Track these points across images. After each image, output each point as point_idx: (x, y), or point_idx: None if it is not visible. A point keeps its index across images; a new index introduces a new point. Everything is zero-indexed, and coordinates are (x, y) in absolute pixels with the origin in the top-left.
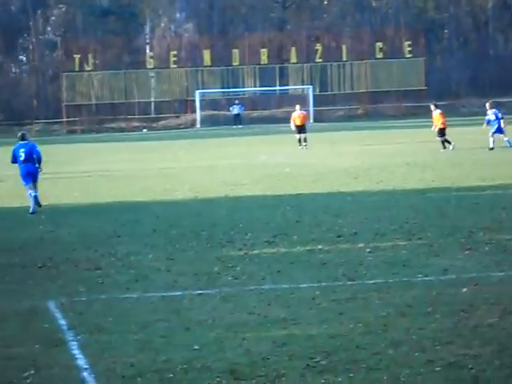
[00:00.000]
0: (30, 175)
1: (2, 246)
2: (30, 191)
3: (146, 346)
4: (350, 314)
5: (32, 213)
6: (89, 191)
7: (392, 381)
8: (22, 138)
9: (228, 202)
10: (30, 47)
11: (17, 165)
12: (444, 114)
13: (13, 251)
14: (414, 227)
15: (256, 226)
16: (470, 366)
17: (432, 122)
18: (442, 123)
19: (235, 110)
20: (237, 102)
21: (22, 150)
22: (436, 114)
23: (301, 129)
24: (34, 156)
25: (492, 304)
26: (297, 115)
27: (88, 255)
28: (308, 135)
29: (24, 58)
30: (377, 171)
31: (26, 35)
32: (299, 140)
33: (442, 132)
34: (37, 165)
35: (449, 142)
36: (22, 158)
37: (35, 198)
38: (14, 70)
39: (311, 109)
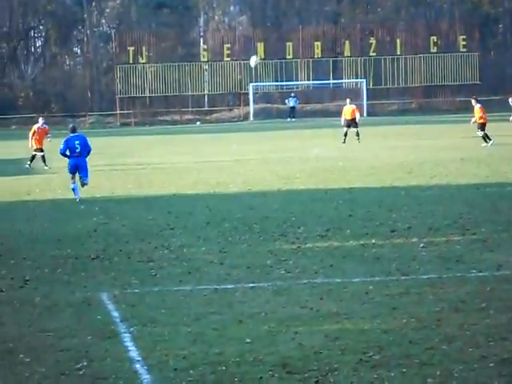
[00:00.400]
0: (80, 168)
1: (55, 238)
2: (75, 183)
3: (199, 338)
4: (403, 309)
5: (79, 200)
6: (142, 183)
7: (445, 376)
8: (73, 130)
9: (281, 196)
10: (85, 39)
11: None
12: (483, 109)
13: (66, 243)
14: (468, 222)
15: (309, 220)
16: None
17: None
18: (481, 117)
19: (291, 102)
20: (292, 94)
21: (77, 142)
22: (476, 108)
23: (351, 123)
24: (86, 149)
25: None
26: (347, 109)
27: (141, 247)
28: (361, 129)
29: (78, 50)
30: (430, 166)
31: (80, 27)
32: (345, 134)
33: (482, 127)
34: (86, 158)
35: (488, 138)
36: (78, 150)
37: (74, 189)
38: (68, 62)
39: (364, 103)
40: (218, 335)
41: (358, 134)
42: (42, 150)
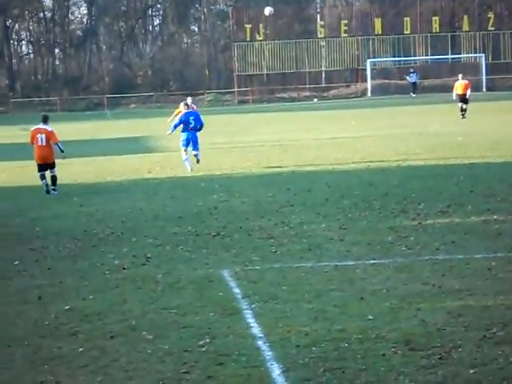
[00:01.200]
0: (192, 141)
1: (176, 215)
2: (187, 155)
3: (321, 315)
4: None
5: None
6: (261, 160)
7: None
8: (188, 106)
9: (400, 171)
10: (202, 17)
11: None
12: None
13: (187, 220)
14: None
15: (429, 196)
16: None
17: None
18: None
19: (412, 78)
20: (412, 70)
21: (192, 117)
22: None
23: (464, 98)
24: (198, 124)
25: None
26: (459, 84)
27: (261, 224)
28: (480, 104)
29: (196, 29)
30: None
31: (197, 5)
32: (461, 109)
33: None
34: (198, 133)
35: None
36: (192, 125)
37: (196, 155)
38: (185, 41)
39: (484, 77)
40: (340, 312)
41: (465, 109)
42: None
